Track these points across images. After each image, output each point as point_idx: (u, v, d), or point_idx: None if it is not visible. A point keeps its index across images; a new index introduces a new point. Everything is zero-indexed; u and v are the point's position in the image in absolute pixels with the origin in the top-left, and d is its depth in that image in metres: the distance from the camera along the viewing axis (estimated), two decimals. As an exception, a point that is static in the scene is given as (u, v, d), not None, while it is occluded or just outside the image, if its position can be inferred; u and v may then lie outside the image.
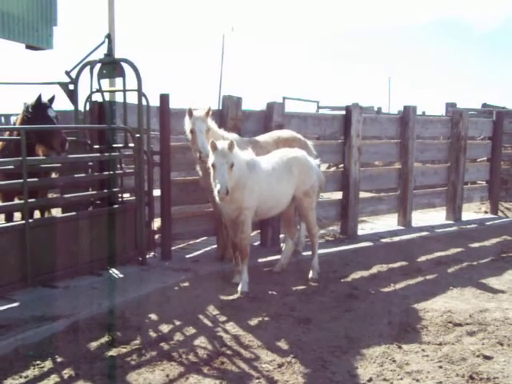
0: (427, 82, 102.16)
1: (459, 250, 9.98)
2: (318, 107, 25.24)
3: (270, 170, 7.35)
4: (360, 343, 5.64)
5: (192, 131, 7.41)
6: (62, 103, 8.86)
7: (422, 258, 9.27)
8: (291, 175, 7.52)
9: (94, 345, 5.40)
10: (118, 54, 8.72)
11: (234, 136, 8.00)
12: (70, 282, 6.87)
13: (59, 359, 5.07)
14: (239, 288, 7.07)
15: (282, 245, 9.09)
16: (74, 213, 7.19)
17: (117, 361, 5.11)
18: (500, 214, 13.63)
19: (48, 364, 4.98)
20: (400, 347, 5.57)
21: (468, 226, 11.86)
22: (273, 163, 7.44)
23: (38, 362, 4.99)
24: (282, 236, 9.37)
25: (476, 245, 10.44)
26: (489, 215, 13.43)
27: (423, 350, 5.50)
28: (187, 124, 7.52)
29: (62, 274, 6.86)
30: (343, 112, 10.67)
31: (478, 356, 5.35)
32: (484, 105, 24.31)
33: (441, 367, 5.13)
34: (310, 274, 7.80)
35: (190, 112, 7.44)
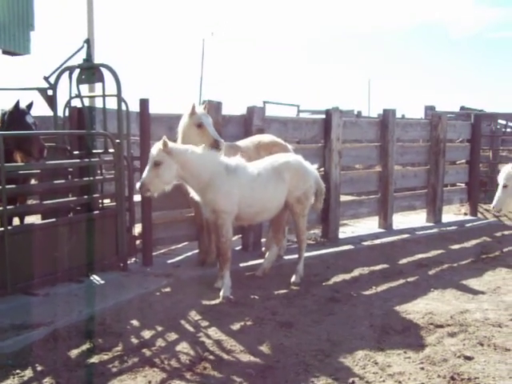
0: (406, 85, 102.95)
1: (440, 251, 10.05)
2: (299, 111, 25.35)
3: (255, 175, 7.34)
4: (342, 346, 5.66)
5: (200, 125, 7.50)
6: (40, 109, 8.80)
7: (403, 261, 9.32)
8: (282, 181, 7.50)
9: (74, 352, 5.34)
10: (97, 59, 8.68)
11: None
12: (50, 289, 6.80)
13: (39, 368, 5.01)
14: (221, 293, 7.05)
15: (263, 249, 9.10)
16: (53, 219, 7.13)
17: (98, 368, 5.06)
18: (479, 215, 13.75)
19: (28, 373, 4.92)
20: (382, 349, 5.59)
21: (448, 228, 11.96)
22: (260, 168, 7.45)
23: (17, 371, 4.92)
24: (263, 240, 9.37)
25: (456, 246, 10.53)
26: (468, 217, 13.55)
27: (405, 352, 5.53)
28: (189, 120, 7.58)
29: (41, 281, 6.79)
30: (323, 116, 10.72)
31: (459, 357, 5.39)
32: (462, 108, 24.58)
33: (422, 368, 5.16)
34: (293, 278, 7.80)
35: (194, 108, 7.54)
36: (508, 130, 24.58)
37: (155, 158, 6.73)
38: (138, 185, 6.84)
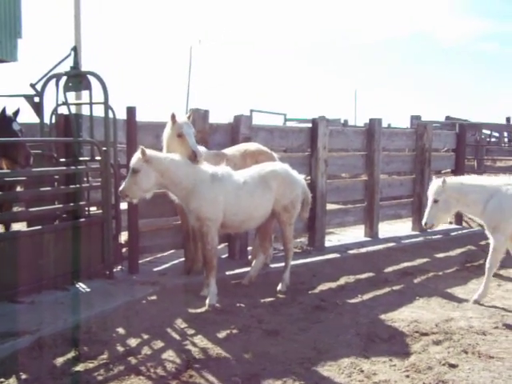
0: (393, 94, 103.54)
1: (425, 260, 10.11)
2: (285, 120, 25.45)
3: (241, 183, 7.38)
4: (328, 354, 5.68)
5: (180, 135, 7.36)
6: (27, 116, 8.78)
7: (389, 269, 9.37)
8: (268, 189, 7.54)
9: (60, 360, 5.32)
10: (84, 67, 8.69)
11: (201, 149, 8.02)
12: (35, 297, 6.75)
13: (24, 376, 4.98)
14: (207, 301, 7.05)
15: (249, 257, 9.11)
16: (39, 227, 7.11)
17: (83, 376, 5.05)
18: (464, 224, 13.81)
19: (12, 381, 4.88)
20: (367, 357, 5.61)
21: (433, 237, 12.00)
22: (246, 177, 7.50)
23: (1, 379, 4.89)
24: (249, 248, 9.38)
25: (441, 255, 10.60)
26: (453, 226, 13.61)
27: (390, 360, 5.56)
28: (171, 129, 7.48)
29: (27, 289, 6.75)
30: (310, 125, 10.76)
31: (443, 364, 5.43)
32: (447, 117, 24.82)
33: (408, 376, 5.19)
34: (279, 287, 7.82)
35: (174, 117, 7.43)
36: (492, 139, 24.86)
37: (133, 166, 6.90)
38: (118, 190, 7.07)
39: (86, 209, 8.04)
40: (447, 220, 7.94)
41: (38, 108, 8.08)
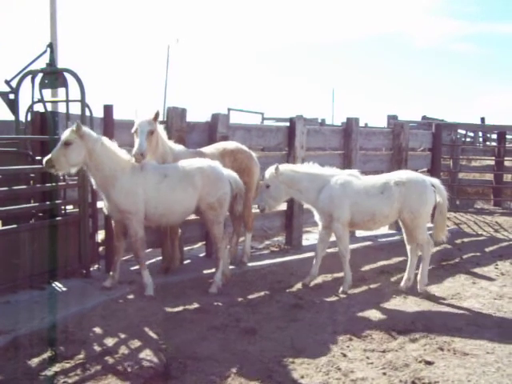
0: (370, 94, 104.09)
1: (401, 258, 10.15)
2: (263, 119, 25.45)
3: (162, 176, 7.32)
4: (306, 352, 5.70)
5: (136, 132, 7.33)
6: (2, 113, 8.68)
7: (366, 268, 9.42)
8: (192, 185, 7.40)
9: (35, 361, 5.27)
10: (60, 64, 8.61)
11: (180, 147, 8.01)
12: (10, 297, 6.69)
13: (-1, 377, 4.94)
14: (145, 292, 7.16)
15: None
16: (14, 225, 7.03)
17: (60, 376, 5.01)
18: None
19: (-13, 382, 4.84)
20: (345, 355, 5.65)
21: (410, 236, 12.07)
22: (169, 170, 7.42)
23: (-24, 380, 4.84)
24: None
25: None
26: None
27: (367, 358, 5.60)
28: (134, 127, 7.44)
29: (2, 289, 6.68)
30: (287, 124, 10.80)
31: (420, 362, 5.49)
32: (424, 117, 24.98)
33: (384, 374, 5.24)
34: (210, 289, 7.59)
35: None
36: (467, 139, 25.11)
37: (66, 138, 6.79)
38: (44, 159, 6.79)
39: (63, 207, 7.97)
40: (279, 205, 8.20)
41: (13, 105, 7.99)
